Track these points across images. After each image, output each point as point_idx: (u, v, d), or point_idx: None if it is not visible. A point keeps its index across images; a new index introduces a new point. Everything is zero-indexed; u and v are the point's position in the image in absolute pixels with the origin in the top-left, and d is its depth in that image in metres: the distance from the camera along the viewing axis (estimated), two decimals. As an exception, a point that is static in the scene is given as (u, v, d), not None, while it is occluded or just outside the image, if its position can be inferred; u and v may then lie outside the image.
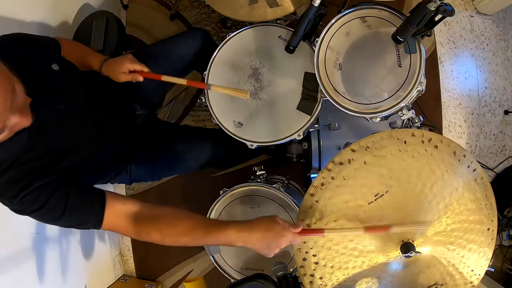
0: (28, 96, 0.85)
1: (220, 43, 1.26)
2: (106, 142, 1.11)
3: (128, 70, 1.13)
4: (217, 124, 1.22)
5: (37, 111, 0.88)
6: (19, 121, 0.79)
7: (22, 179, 0.86)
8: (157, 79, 1.15)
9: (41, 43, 1.08)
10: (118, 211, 0.94)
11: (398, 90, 1.04)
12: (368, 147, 0.80)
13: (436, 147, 0.80)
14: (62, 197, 0.90)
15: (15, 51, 0.95)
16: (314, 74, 1.10)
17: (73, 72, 1.09)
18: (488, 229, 0.84)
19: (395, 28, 1.01)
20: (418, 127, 1.10)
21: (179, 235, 0.91)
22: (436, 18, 0.93)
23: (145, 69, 1.15)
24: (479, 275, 0.86)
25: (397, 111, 1.04)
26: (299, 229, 0.86)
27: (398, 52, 1.04)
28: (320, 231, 0.84)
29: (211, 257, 1.23)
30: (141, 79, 1.14)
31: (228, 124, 1.22)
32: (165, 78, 1.15)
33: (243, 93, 1.18)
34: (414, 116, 1.04)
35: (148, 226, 0.92)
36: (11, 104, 0.75)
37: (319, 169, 1.35)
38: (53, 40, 1.14)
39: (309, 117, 1.16)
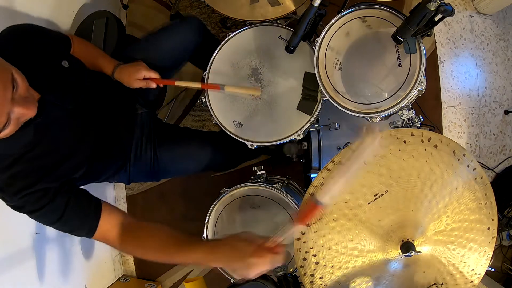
0: (36, 91, 0.86)
1: (220, 43, 1.26)
2: (109, 141, 1.11)
3: (143, 77, 1.14)
4: (217, 124, 1.22)
5: (44, 108, 0.87)
6: (24, 112, 0.77)
7: (26, 177, 0.87)
8: (171, 84, 1.19)
9: (53, 38, 1.06)
10: (110, 224, 0.96)
11: (398, 90, 1.04)
12: (368, 146, 0.80)
13: (435, 146, 0.80)
14: (61, 202, 0.92)
15: (25, 43, 0.94)
16: (314, 74, 1.11)
17: (82, 70, 1.10)
18: (488, 228, 0.84)
19: (395, 28, 1.01)
20: (418, 127, 1.10)
21: (156, 251, 0.93)
22: (436, 18, 0.93)
23: (158, 76, 1.18)
24: (479, 274, 0.86)
25: (397, 111, 1.04)
26: (274, 244, 0.81)
27: (398, 52, 1.04)
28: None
29: (211, 257, 1.23)
30: (154, 85, 1.17)
31: (228, 124, 1.22)
32: (178, 83, 1.18)
33: (255, 90, 1.20)
34: (414, 116, 1.05)
35: (133, 242, 0.95)
36: (11, 95, 0.74)
37: (319, 169, 1.35)
38: (65, 37, 1.13)
39: (309, 117, 1.16)
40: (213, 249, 0.89)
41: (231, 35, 1.26)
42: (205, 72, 1.25)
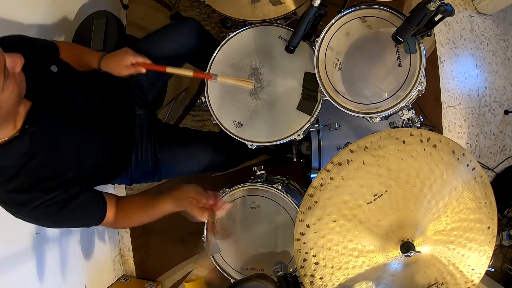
0: (27, 99, 0.85)
1: (219, 43, 1.26)
2: (108, 144, 1.11)
3: (130, 63, 1.11)
4: (217, 124, 1.22)
5: (37, 116, 0.87)
6: (15, 59, 0.77)
7: (30, 189, 0.87)
8: (161, 70, 1.14)
9: (40, 45, 1.06)
10: (110, 211, 1.05)
11: (398, 90, 1.04)
12: (366, 147, 0.80)
13: (434, 146, 0.80)
14: (73, 207, 0.95)
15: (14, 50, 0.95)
16: (314, 74, 1.11)
17: (73, 73, 1.09)
18: (488, 228, 0.84)
19: (395, 28, 1.01)
20: (418, 127, 1.10)
21: (138, 216, 1.08)
22: (436, 18, 0.93)
23: (148, 61, 1.14)
24: (479, 273, 0.86)
25: (397, 111, 1.04)
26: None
27: (398, 52, 1.04)
28: None
29: (211, 257, 1.23)
30: (143, 70, 1.13)
31: (228, 124, 1.22)
32: (169, 69, 1.14)
33: (248, 83, 1.19)
34: (414, 116, 1.04)
35: (122, 217, 1.08)
36: None
37: (319, 169, 1.35)
38: (50, 43, 1.13)
39: (309, 117, 1.16)
40: (175, 198, 1.06)
41: (231, 35, 1.26)
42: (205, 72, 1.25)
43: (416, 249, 0.79)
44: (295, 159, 1.54)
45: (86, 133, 1.03)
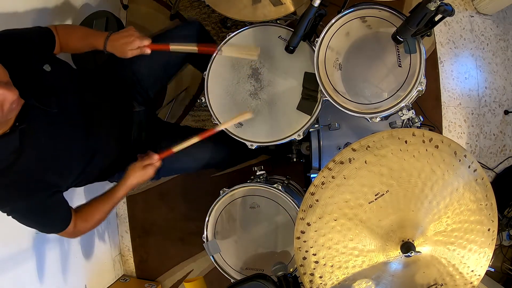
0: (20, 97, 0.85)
1: (220, 43, 1.26)
2: (103, 143, 1.11)
3: (137, 46, 1.12)
4: (217, 124, 1.22)
5: (28, 114, 0.87)
6: (5, 93, 0.76)
7: (19, 188, 0.89)
8: (165, 49, 1.17)
9: (32, 40, 1.02)
10: (73, 220, 1.07)
11: (398, 90, 1.04)
12: (369, 146, 0.80)
13: (437, 147, 0.80)
14: (50, 213, 0.99)
15: (5, 51, 0.93)
16: (314, 74, 1.10)
17: (66, 72, 1.08)
18: (489, 230, 0.84)
19: (395, 28, 1.01)
20: (418, 127, 1.10)
21: (100, 217, 1.13)
22: (436, 18, 0.93)
23: (150, 42, 1.15)
24: (479, 275, 0.86)
25: (397, 111, 1.04)
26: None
27: (398, 52, 1.04)
28: None
29: (211, 257, 1.23)
30: (149, 51, 1.14)
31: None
32: (173, 46, 1.17)
33: (252, 54, 1.19)
34: (414, 116, 1.04)
35: (83, 223, 1.10)
36: None
37: (319, 169, 1.35)
38: (46, 31, 1.09)
39: (309, 117, 1.16)
40: (127, 184, 1.15)
41: (231, 35, 1.26)
42: (205, 72, 1.25)
43: (417, 249, 0.79)
44: (295, 159, 1.54)
45: (78, 132, 1.03)
